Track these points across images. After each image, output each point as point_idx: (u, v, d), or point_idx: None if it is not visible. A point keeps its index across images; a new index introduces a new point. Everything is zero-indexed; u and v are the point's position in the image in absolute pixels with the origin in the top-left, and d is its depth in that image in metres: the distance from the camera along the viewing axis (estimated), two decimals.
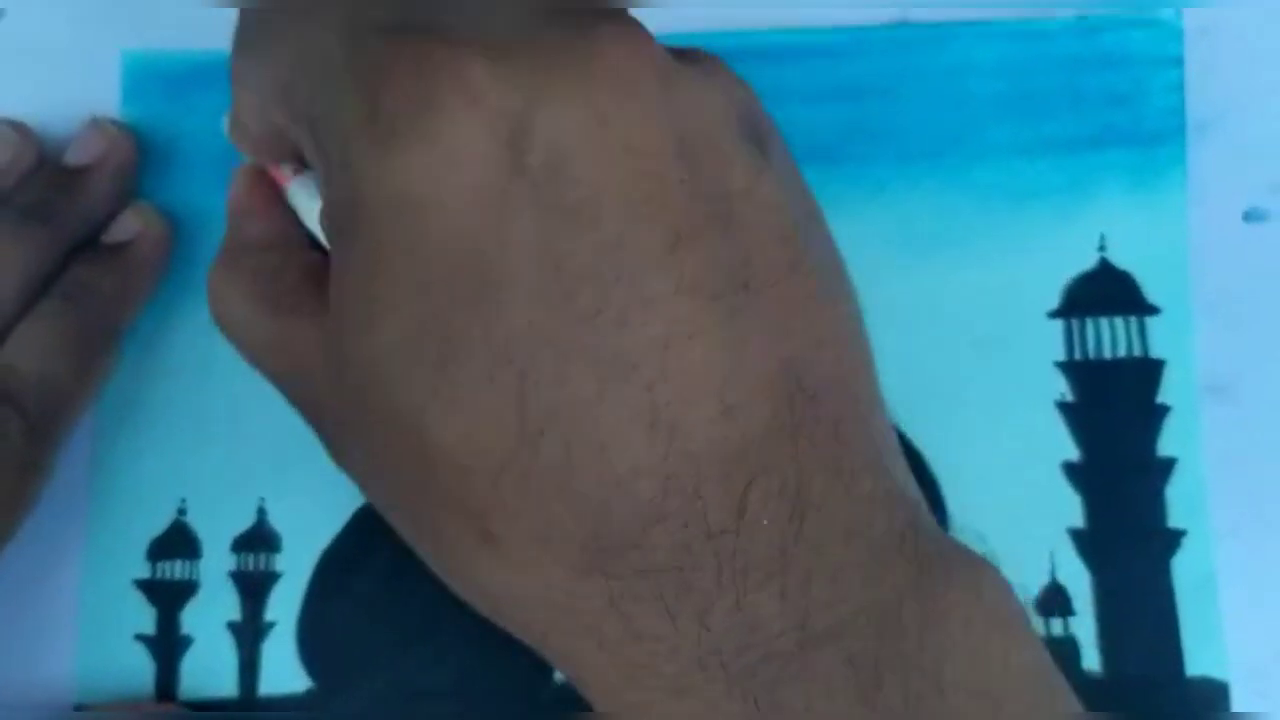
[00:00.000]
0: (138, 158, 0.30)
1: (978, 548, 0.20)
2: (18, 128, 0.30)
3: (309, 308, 0.22)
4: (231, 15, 0.30)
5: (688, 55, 0.20)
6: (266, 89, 0.22)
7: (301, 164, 0.25)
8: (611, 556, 0.18)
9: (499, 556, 0.19)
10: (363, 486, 0.22)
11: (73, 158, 0.30)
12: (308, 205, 0.25)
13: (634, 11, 0.20)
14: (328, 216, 0.21)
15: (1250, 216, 0.30)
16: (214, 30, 0.30)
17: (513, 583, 0.19)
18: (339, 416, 0.21)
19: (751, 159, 0.20)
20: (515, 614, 0.20)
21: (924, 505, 0.20)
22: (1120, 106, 0.30)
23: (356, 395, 0.20)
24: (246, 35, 0.22)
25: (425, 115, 0.18)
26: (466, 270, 0.18)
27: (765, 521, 0.18)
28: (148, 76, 0.31)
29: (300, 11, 0.21)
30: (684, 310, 0.18)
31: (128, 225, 0.30)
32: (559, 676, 0.28)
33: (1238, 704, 0.28)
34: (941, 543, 0.20)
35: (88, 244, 0.29)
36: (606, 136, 0.18)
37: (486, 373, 0.18)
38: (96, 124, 0.30)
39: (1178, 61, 0.30)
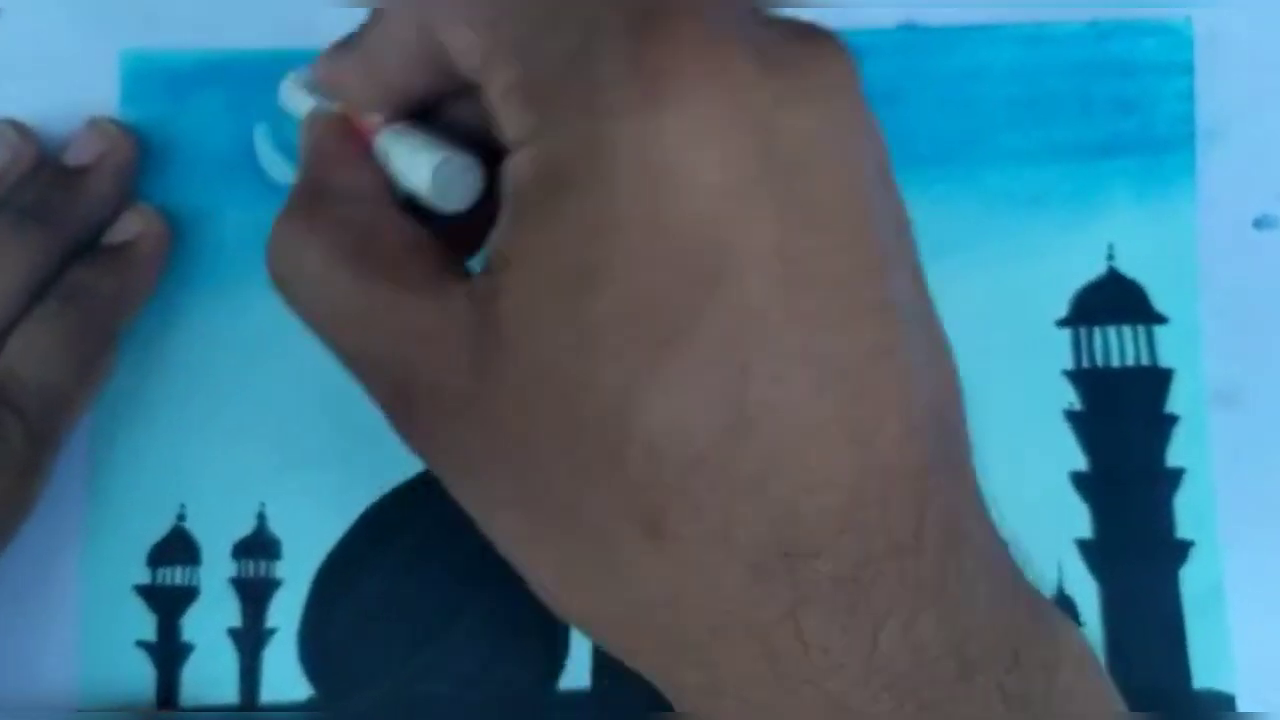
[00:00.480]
0: (137, 157, 0.30)
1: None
2: (17, 128, 0.29)
3: (415, 278, 0.21)
4: (230, 13, 0.31)
5: None
6: (470, 11, 0.20)
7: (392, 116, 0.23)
8: (796, 562, 0.18)
9: (667, 554, 0.19)
10: (462, 478, 0.21)
11: (72, 158, 0.29)
12: (411, 151, 0.22)
13: None
14: (532, 165, 0.19)
15: (1261, 224, 0.30)
16: (213, 30, 0.30)
17: (676, 584, 0.19)
18: (461, 398, 0.20)
19: (897, 190, 0.21)
20: (666, 620, 0.19)
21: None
22: (1130, 113, 0.30)
23: (516, 374, 0.19)
24: None
25: (693, 84, 0.18)
26: (705, 250, 0.18)
27: (933, 545, 0.19)
28: (147, 76, 0.31)
29: None
30: (888, 324, 0.19)
31: (127, 226, 0.29)
32: (561, 684, 0.28)
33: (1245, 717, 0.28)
34: (1033, 584, 0.21)
35: (87, 245, 0.29)
36: (841, 146, 0.19)
37: (710, 358, 0.18)
38: (95, 124, 0.30)
39: (1188, 68, 0.30)
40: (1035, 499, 0.29)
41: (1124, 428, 0.29)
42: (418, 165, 0.22)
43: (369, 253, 0.21)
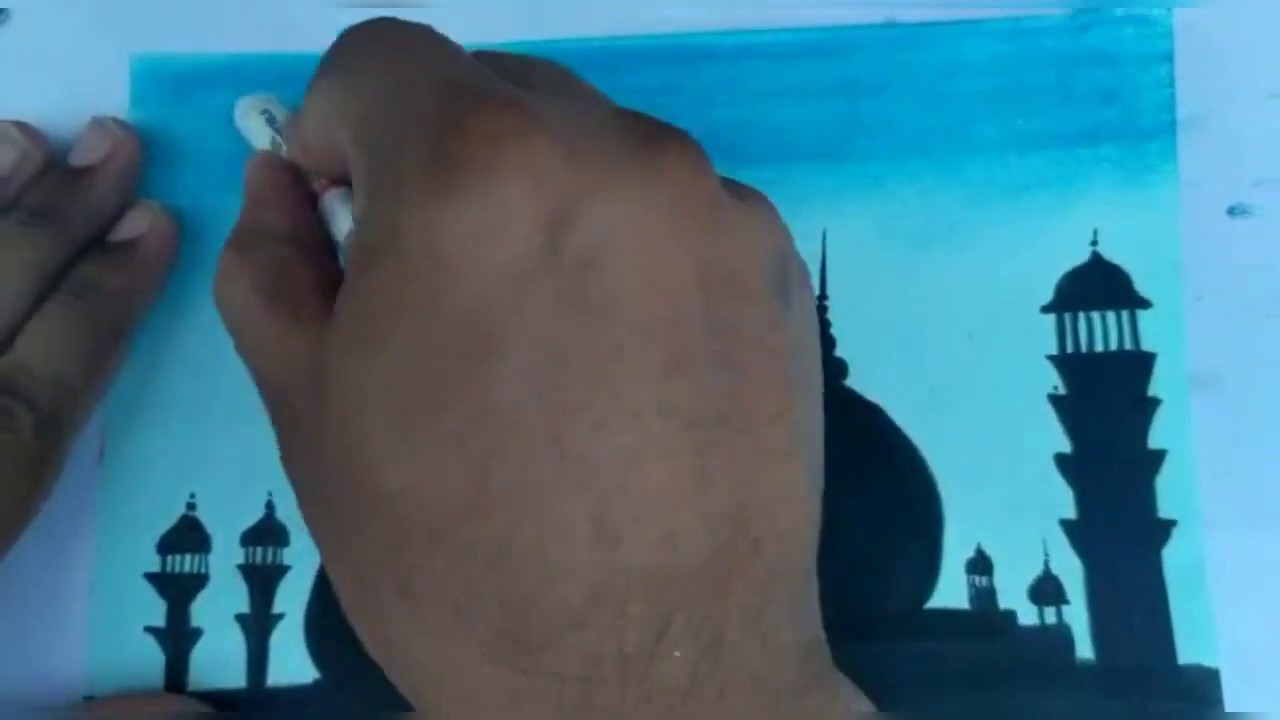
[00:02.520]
0: (142, 156, 0.30)
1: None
2: (25, 129, 0.30)
3: (310, 314, 0.22)
4: (238, 16, 0.31)
5: (740, 191, 0.21)
6: (340, 109, 0.22)
7: (339, 182, 0.26)
8: (524, 650, 0.18)
9: (413, 617, 0.19)
10: (300, 500, 0.22)
11: (77, 158, 0.30)
12: (341, 215, 0.25)
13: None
14: (358, 238, 0.21)
15: (1235, 212, 0.30)
16: (221, 33, 0.31)
17: (419, 647, 0.19)
18: (304, 429, 0.22)
19: (770, 307, 0.20)
20: (411, 676, 0.20)
21: (826, 646, 0.21)
22: (1111, 103, 0.30)
23: (328, 411, 0.20)
24: (338, 57, 0.23)
25: (484, 174, 0.18)
26: (472, 332, 0.18)
27: (678, 654, 0.18)
28: (156, 79, 0.31)
29: (401, 50, 0.21)
30: (659, 430, 0.18)
31: (135, 223, 0.30)
32: None
33: (1228, 691, 0.28)
34: (836, 686, 0.21)
35: (95, 243, 0.30)
36: (642, 249, 0.19)
37: (458, 435, 0.18)
38: (100, 124, 0.30)
39: (1168, 58, 0.30)
40: (1021, 481, 0.29)
41: (1107, 411, 0.30)
42: (341, 230, 0.25)
43: (279, 289, 0.23)
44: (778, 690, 0.19)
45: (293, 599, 0.29)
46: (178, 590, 0.30)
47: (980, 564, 0.29)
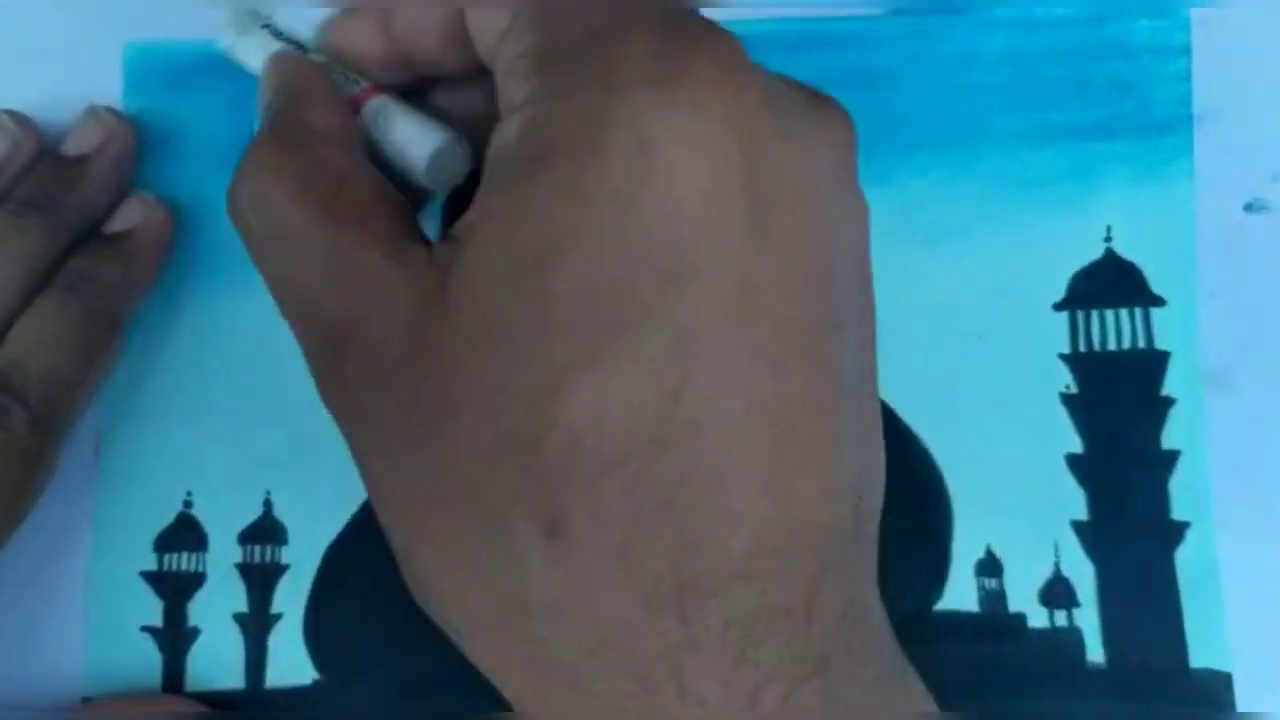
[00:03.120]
0: (137, 146, 0.30)
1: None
2: (17, 119, 0.29)
3: (382, 232, 0.20)
4: (229, 6, 0.30)
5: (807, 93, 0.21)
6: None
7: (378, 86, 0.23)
8: (689, 599, 0.17)
9: (562, 559, 0.18)
10: (373, 440, 0.20)
11: (71, 148, 0.30)
12: (409, 124, 0.23)
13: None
14: (525, 131, 0.19)
15: (1252, 207, 0.30)
16: (215, 23, 0.30)
17: (564, 594, 0.18)
18: (397, 358, 0.19)
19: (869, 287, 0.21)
20: (544, 630, 0.18)
21: None
22: (1126, 96, 0.30)
23: (461, 339, 0.18)
24: None
25: (709, 87, 0.18)
26: (672, 247, 0.18)
27: (828, 614, 0.18)
28: (149, 68, 0.31)
29: None
30: (825, 383, 0.19)
31: (129, 215, 0.29)
32: None
33: (1241, 695, 0.28)
34: (915, 682, 0.21)
35: (89, 234, 0.29)
36: (823, 202, 0.19)
37: (651, 358, 0.17)
38: (94, 113, 0.30)
39: (1185, 51, 0.30)
40: (1032, 481, 0.29)
41: (1120, 410, 0.29)
42: (415, 142, 0.22)
43: (339, 196, 0.21)
44: (889, 662, 0.20)
45: (291, 598, 0.29)
46: (175, 589, 0.29)
47: (990, 566, 0.29)
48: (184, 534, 0.29)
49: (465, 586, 0.19)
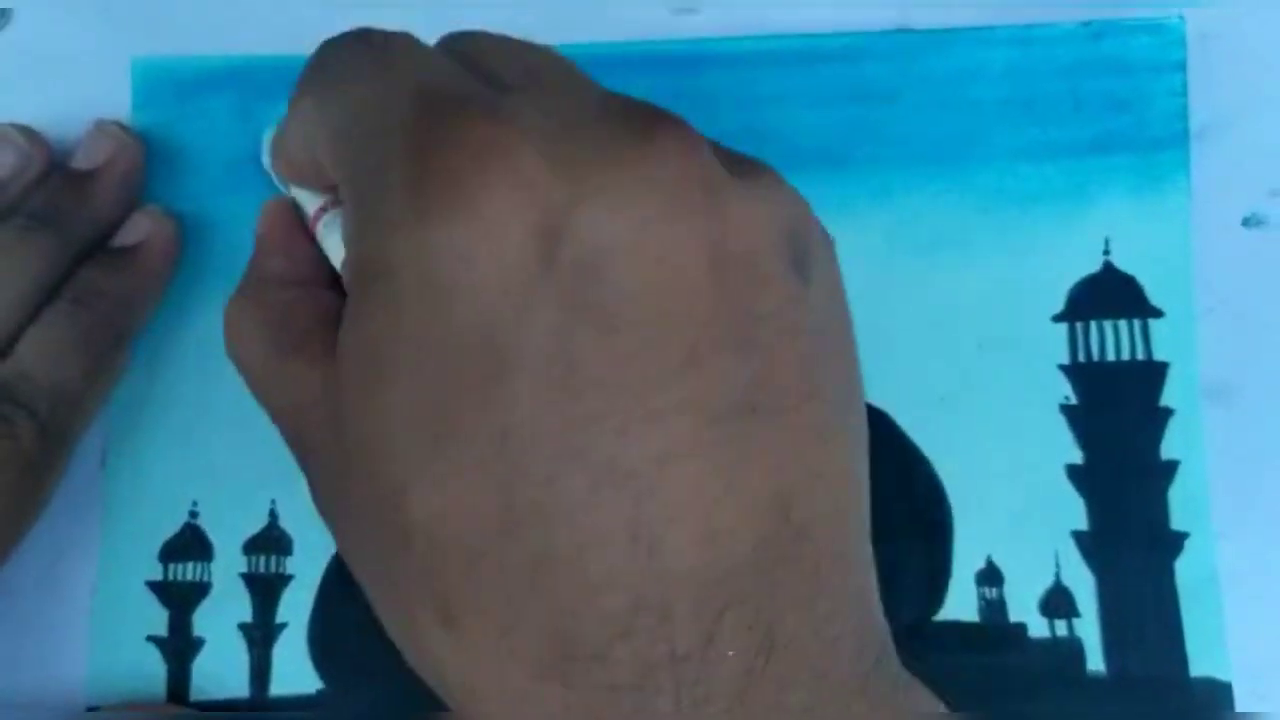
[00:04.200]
0: (145, 160, 0.30)
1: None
2: (26, 133, 0.30)
3: (316, 350, 0.22)
4: (241, 20, 0.31)
5: (744, 165, 0.20)
6: (321, 127, 0.22)
7: (335, 200, 0.25)
8: (573, 665, 0.18)
9: (459, 643, 0.19)
10: (337, 537, 0.22)
11: (80, 162, 0.30)
12: (336, 244, 0.25)
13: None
14: (350, 266, 0.20)
15: (1249, 222, 0.30)
16: (223, 37, 0.31)
17: (468, 672, 0.19)
18: (327, 464, 0.21)
19: (788, 282, 0.19)
20: (465, 702, 0.20)
21: (889, 636, 0.20)
22: (1124, 111, 0.30)
23: (347, 450, 0.20)
24: (317, 74, 0.22)
25: (469, 191, 0.18)
26: (478, 354, 0.18)
27: (731, 653, 0.18)
28: (158, 83, 0.31)
29: (377, 65, 0.21)
30: (685, 428, 0.18)
31: (137, 228, 0.30)
32: None
33: (1241, 704, 0.28)
34: (897, 680, 0.20)
35: (97, 247, 0.29)
36: (644, 243, 0.18)
37: (479, 459, 0.18)
38: (103, 127, 0.30)
39: (1181, 67, 0.30)
40: (1032, 492, 0.29)
41: (1119, 421, 0.29)
42: (335, 256, 0.25)
43: (284, 330, 0.23)
44: (836, 683, 0.19)
45: (296, 608, 0.29)
46: (180, 599, 0.29)
47: (990, 576, 0.29)
48: (190, 544, 0.29)
49: (410, 655, 0.21)
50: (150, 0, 0.31)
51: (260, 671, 0.29)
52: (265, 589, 0.29)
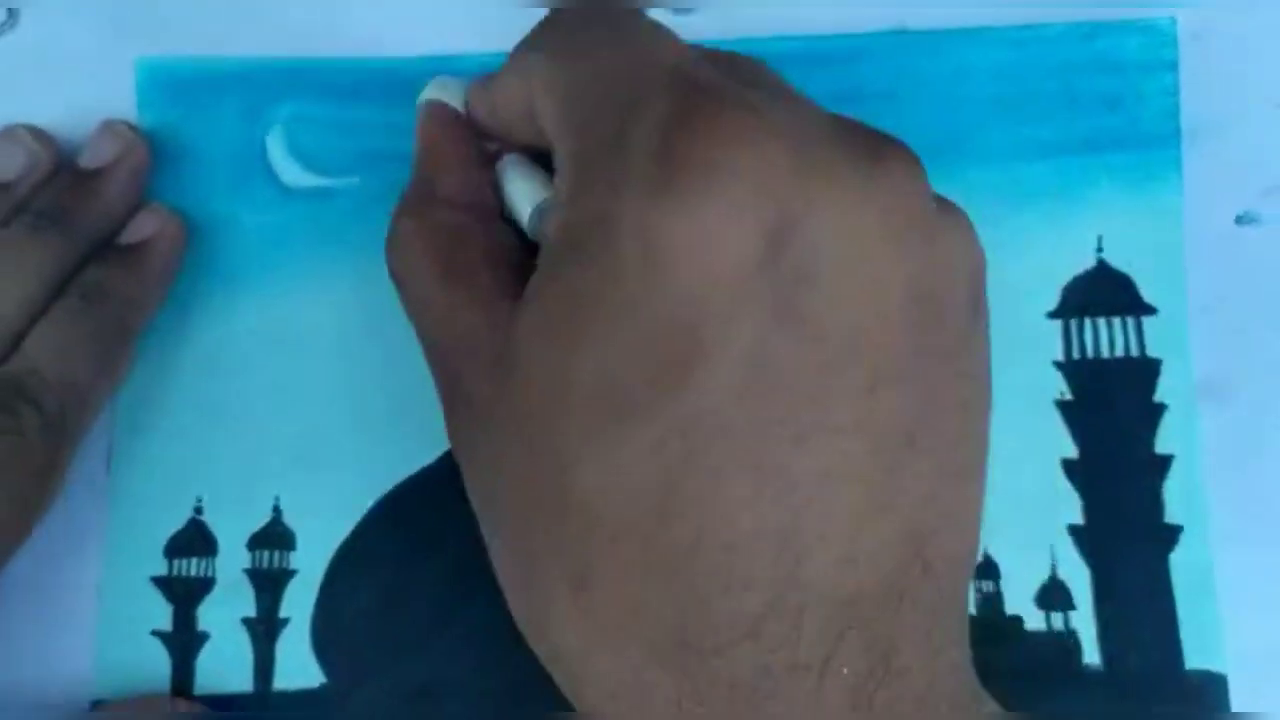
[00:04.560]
0: (151, 159, 0.30)
1: None
2: (34, 133, 0.30)
3: (483, 286, 0.22)
4: (244, 21, 0.31)
5: (943, 203, 0.21)
6: (550, 84, 0.22)
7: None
8: (694, 656, 0.18)
9: (584, 612, 0.19)
10: (472, 481, 0.22)
11: (87, 161, 0.30)
12: (521, 184, 0.25)
13: None
14: (560, 225, 0.20)
15: (1242, 220, 0.30)
16: (227, 38, 0.31)
17: (587, 643, 0.19)
18: (481, 411, 0.21)
19: (965, 325, 0.20)
20: (573, 672, 0.20)
21: (972, 664, 0.21)
22: (1116, 110, 0.31)
23: (514, 399, 0.20)
24: (551, 33, 0.22)
25: (716, 176, 0.18)
26: (682, 337, 0.18)
27: (846, 670, 0.18)
28: (162, 83, 0.31)
29: (623, 37, 0.21)
30: (854, 449, 0.18)
31: (144, 226, 0.30)
32: None
33: (1236, 696, 0.28)
34: (980, 700, 0.21)
35: (104, 245, 0.30)
36: (859, 263, 0.18)
37: (656, 442, 0.18)
38: (110, 126, 0.30)
39: (1172, 66, 0.31)
40: (1028, 487, 0.29)
41: (1113, 416, 0.30)
42: (521, 198, 0.24)
43: (454, 259, 0.23)
44: (939, 710, 0.19)
45: (299, 603, 0.29)
46: (184, 594, 0.30)
47: (987, 569, 0.29)
48: (194, 539, 0.30)
49: (526, 619, 0.21)
50: (155, 1, 0.31)
51: (264, 666, 0.29)
52: (269, 584, 0.30)
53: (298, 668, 0.29)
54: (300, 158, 0.31)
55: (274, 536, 0.30)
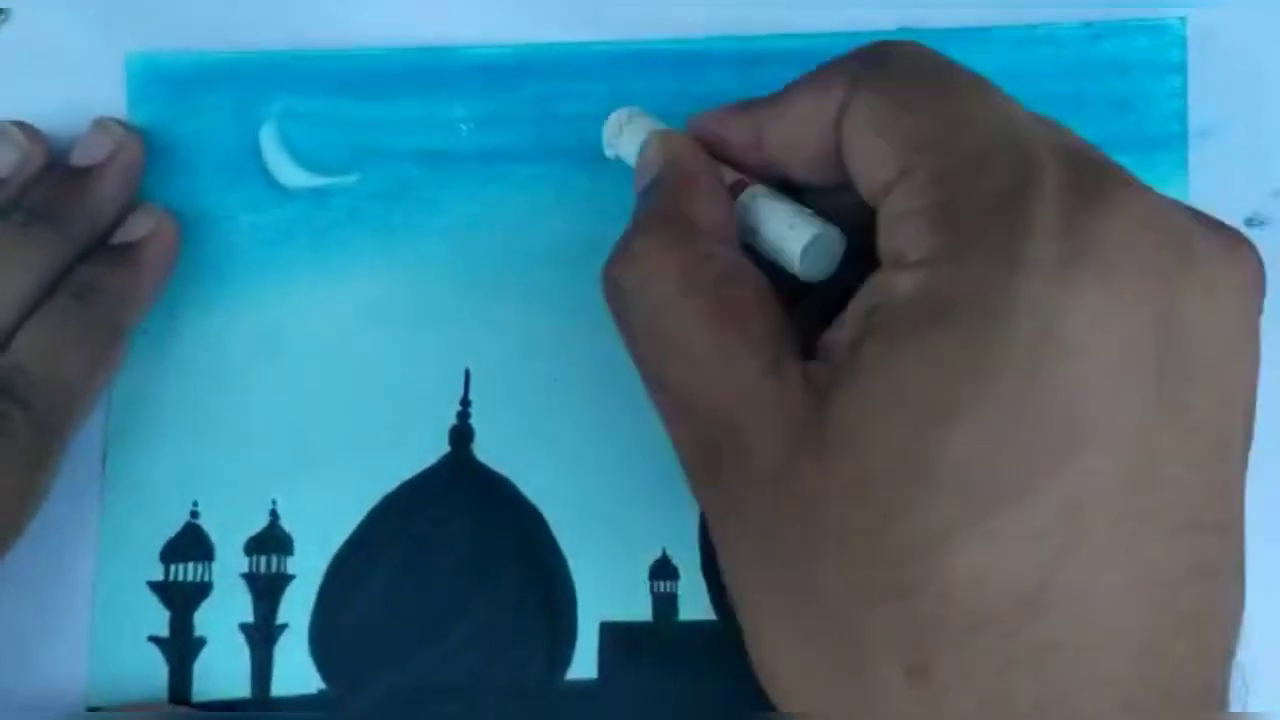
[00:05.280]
0: (144, 157, 0.30)
1: None
2: (26, 129, 0.30)
3: (757, 335, 0.20)
4: (235, 16, 0.31)
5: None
6: (884, 123, 0.20)
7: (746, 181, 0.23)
8: None
9: (923, 703, 0.18)
10: (738, 543, 0.20)
11: (79, 158, 0.30)
12: (785, 218, 0.22)
13: None
14: (921, 288, 0.19)
15: (1252, 222, 0.30)
16: (218, 33, 0.31)
17: None
18: (773, 472, 0.19)
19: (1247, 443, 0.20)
20: None
21: None
22: (1124, 112, 0.30)
23: (839, 473, 0.18)
24: (885, 70, 0.21)
25: (1113, 258, 0.18)
26: (1064, 422, 0.18)
27: None
28: (153, 79, 0.31)
29: (977, 92, 0.21)
30: (1215, 547, 0.19)
31: (137, 225, 0.30)
32: (569, 674, 0.29)
33: (1237, 694, 0.28)
34: None
35: (96, 244, 0.29)
36: (1235, 359, 0.19)
37: (1039, 527, 0.17)
38: (102, 124, 0.30)
39: (1180, 68, 0.30)
40: None
41: None
42: (789, 235, 0.22)
43: (721, 296, 0.21)
44: None
45: (297, 609, 0.29)
46: (181, 599, 0.29)
47: None
48: (191, 544, 0.29)
49: (809, 693, 0.19)
50: None
51: (261, 672, 0.29)
52: (266, 589, 0.29)
53: (295, 674, 0.29)
54: (294, 154, 0.31)
55: (271, 541, 0.29)
